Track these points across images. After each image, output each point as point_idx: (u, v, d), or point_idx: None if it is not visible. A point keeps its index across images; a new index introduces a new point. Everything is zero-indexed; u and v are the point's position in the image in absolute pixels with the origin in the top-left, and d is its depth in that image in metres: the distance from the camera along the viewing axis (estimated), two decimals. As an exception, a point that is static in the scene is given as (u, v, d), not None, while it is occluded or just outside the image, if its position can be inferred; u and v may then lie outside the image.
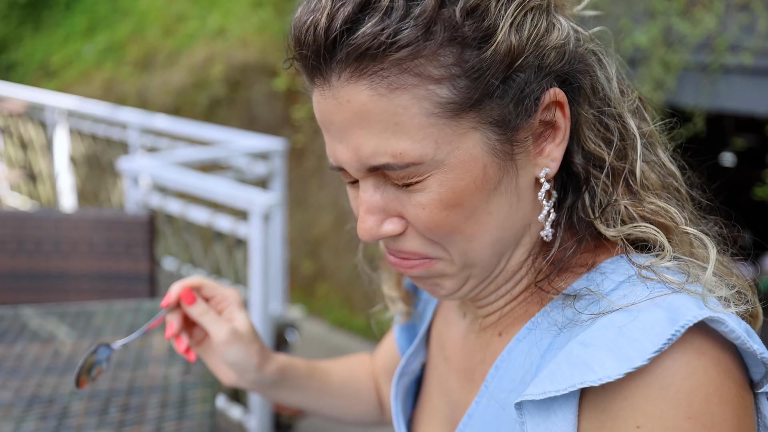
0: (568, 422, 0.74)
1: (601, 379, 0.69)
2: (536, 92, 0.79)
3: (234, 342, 1.15)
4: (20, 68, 10.43)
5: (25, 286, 2.42)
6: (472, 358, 0.98)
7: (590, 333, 0.74)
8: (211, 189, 3.66)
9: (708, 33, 4.21)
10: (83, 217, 2.44)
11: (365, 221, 0.83)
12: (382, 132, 0.76)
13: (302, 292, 7.57)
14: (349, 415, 1.39)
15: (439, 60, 0.74)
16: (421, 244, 0.83)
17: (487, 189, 0.80)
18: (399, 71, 0.74)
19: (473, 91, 0.75)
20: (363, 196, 0.83)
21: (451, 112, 0.76)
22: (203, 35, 8.61)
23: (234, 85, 7.98)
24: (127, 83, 8.81)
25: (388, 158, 0.77)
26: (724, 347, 0.72)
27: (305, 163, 7.64)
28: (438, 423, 1.07)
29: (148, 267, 2.44)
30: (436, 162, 0.77)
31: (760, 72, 4.12)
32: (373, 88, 0.74)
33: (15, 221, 2.42)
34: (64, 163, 6.84)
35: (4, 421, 1.42)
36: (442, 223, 0.80)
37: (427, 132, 0.76)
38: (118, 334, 1.80)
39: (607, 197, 0.85)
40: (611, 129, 0.86)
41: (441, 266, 0.85)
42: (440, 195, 0.78)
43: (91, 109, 6.15)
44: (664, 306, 0.71)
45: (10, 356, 1.68)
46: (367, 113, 0.76)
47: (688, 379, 0.69)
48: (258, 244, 3.55)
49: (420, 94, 0.74)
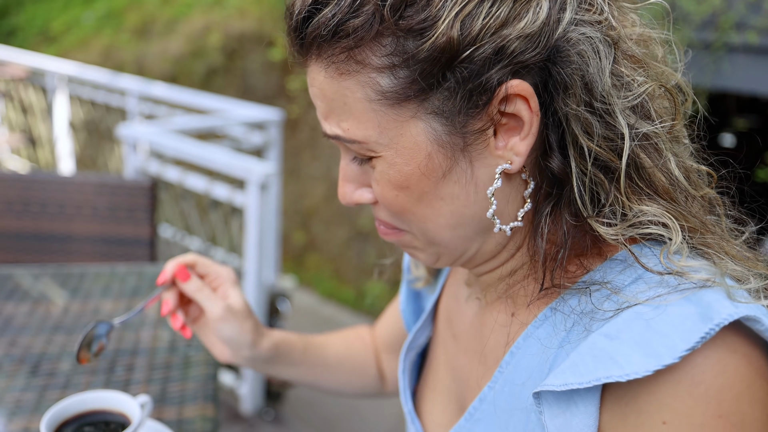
0: (590, 414, 0.72)
1: (628, 375, 0.66)
2: (490, 83, 0.74)
3: (229, 318, 1.16)
4: (20, 33, 10.31)
5: (30, 247, 2.42)
6: (483, 337, 0.96)
7: (615, 325, 0.71)
8: (209, 157, 3.65)
9: (713, 10, 4.13)
10: (87, 182, 2.44)
11: (341, 186, 0.89)
12: (336, 108, 0.81)
13: (293, 263, 7.58)
14: (348, 388, 1.39)
15: (380, 49, 0.74)
16: (389, 215, 0.87)
17: (434, 176, 0.79)
18: (346, 57, 0.76)
19: (413, 82, 0.74)
20: (341, 164, 0.89)
21: (392, 100, 0.76)
22: (201, 4, 8.53)
23: (230, 54, 7.92)
24: (125, 50, 8.73)
25: (339, 131, 0.81)
26: (755, 344, 0.69)
27: (299, 134, 7.61)
28: (443, 397, 1.07)
29: (149, 232, 2.45)
30: (381, 145, 0.79)
31: (765, 51, 4.04)
32: (326, 71, 0.79)
33: (21, 183, 2.42)
34: (64, 128, 6.80)
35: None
36: (393, 202, 0.83)
37: (369, 116, 0.78)
38: (120, 298, 1.81)
39: (604, 196, 0.79)
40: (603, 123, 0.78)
41: (408, 238, 0.89)
42: (389, 176, 0.81)
43: (90, 75, 6.10)
44: (694, 300, 0.69)
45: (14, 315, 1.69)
46: (324, 91, 0.81)
47: (719, 377, 0.66)
48: (254, 214, 3.56)
49: (363, 80, 0.77)
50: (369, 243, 6.72)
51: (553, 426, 0.75)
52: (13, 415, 1.31)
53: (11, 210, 2.40)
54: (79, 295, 1.81)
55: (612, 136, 0.78)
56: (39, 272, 1.93)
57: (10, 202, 2.40)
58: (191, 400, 1.41)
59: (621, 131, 0.77)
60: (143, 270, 1.98)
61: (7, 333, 1.60)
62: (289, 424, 3.79)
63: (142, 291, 1.84)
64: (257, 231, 3.58)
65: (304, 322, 5.82)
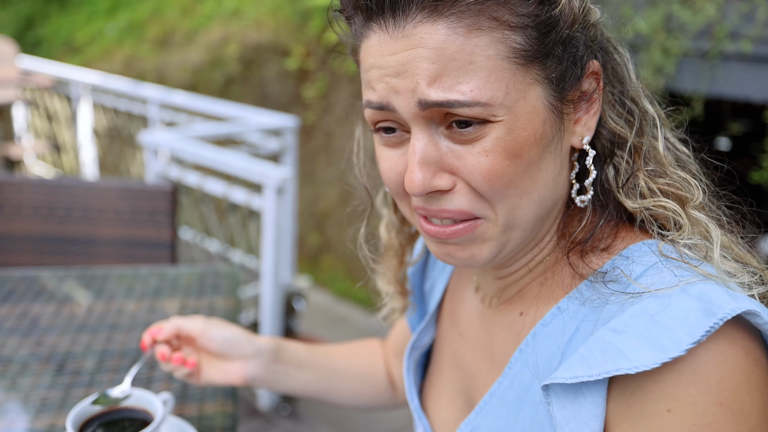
0: (597, 404, 0.73)
1: (636, 367, 0.67)
2: (584, 59, 0.80)
3: (212, 324, 1.20)
4: (46, 44, 10.37)
5: (55, 250, 2.42)
6: (492, 336, 0.97)
7: (622, 320, 0.72)
8: (227, 162, 3.66)
9: (708, 20, 4.16)
10: (110, 186, 2.44)
11: (418, 172, 0.78)
12: (455, 69, 0.74)
13: (308, 264, 7.58)
14: (360, 398, 1.36)
15: (515, 9, 0.74)
16: (469, 201, 0.80)
17: (543, 144, 0.79)
18: (477, 13, 0.73)
19: (541, 45, 0.76)
20: (417, 146, 0.78)
21: (523, 59, 0.75)
22: (219, 16, 8.55)
23: (248, 63, 7.94)
24: (146, 60, 8.76)
25: (457, 95, 0.74)
26: (753, 336, 0.71)
27: (313, 140, 7.62)
28: (450, 394, 1.07)
29: (170, 234, 2.45)
30: (505, 107, 0.75)
31: (758, 59, 4.07)
32: (451, 28, 0.73)
33: (47, 188, 2.42)
34: (87, 135, 6.84)
35: (21, 377, 1.43)
36: (502, 173, 0.77)
37: (500, 75, 0.74)
38: (142, 299, 1.81)
39: (627, 172, 0.84)
40: (630, 109, 0.87)
41: (484, 228, 0.82)
42: (506, 143, 0.76)
43: (113, 84, 6.14)
44: (695, 295, 0.70)
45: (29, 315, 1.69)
46: (442, 50, 0.73)
47: (720, 368, 0.67)
48: (271, 216, 3.56)
49: (497, 37, 0.74)
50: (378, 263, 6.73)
51: (561, 416, 0.76)
52: (40, 413, 1.31)
53: (37, 214, 2.41)
54: (103, 296, 1.81)
55: (634, 120, 0.87)
56: (64, 274, 1.94)
57: (36, 207, 2.41)
58: (211, 397, 1.41)
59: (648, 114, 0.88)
60: (164, 272, 1.98)
61: (34, 333, 1.60)
62: (305, 419, 3.79)
63: (163, 292, 1.84)
64: (274, 233, 3.59)
65: (318, 320, 5.82)
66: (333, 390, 1.32)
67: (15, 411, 1.31)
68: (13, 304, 1.74)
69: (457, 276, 1.12)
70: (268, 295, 3.74)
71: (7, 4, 11.16)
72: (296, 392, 1.29)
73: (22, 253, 2.42)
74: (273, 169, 3.55)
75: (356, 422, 4.12)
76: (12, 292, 1.80)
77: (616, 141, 0.86)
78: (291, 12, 7.78)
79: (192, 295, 1.83)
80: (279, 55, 7.76)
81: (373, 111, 0.82)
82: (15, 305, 1.74)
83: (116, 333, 1.62)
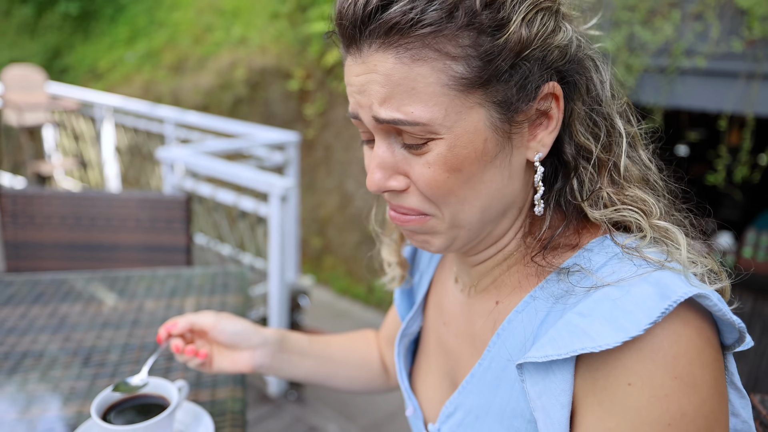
0: (566, 381, 0.73)
1: (600, 346, 0.68)
2: (537, 82, 0.78)
3: (222, 317, 1.19)
4: (72, 71, 10.37)
5: (82, 256, 2.42)
6: (472, 323, 0.97)
7: (587, 305, 0.73)
8: (236, 174, 3.66)
9: (666, 39, 4.19)
10: (130, 198, 2.44)
11: (375, 173, 0.82)
12: (400, 93, 0.75)
13: (312, 264, 7.58)
14: (357, 383, 1.36)
15: (457, 41, 0.74)
16: (419, 201, 0.83)
17: (484, 160, 0.79)
18: (422, 45, 0.74)
19: (484, 72, 0.75)
20: (376, 152, 0.82)
21: (462, 86, 0.75)
22: (228, 43, 8.56)
23: (254, 86, 7.94)
24: (162, 84, 8.76)
25: (400, 115, 0.76)
26: (704, 317, 0.71)
27: (314, 153, 7.62)
28: (436, 376, 1.07)
29: (185, 240, 2.45)
30: (445, 127, 0.76)
31: (711, 74, 4.11)
32: (398, 57, 0.74)
33: (73, 200, 2.42)
34: (110, 152, 6.83)
35: (51, 369, 1.43)
36: (441, 184, 0.79)
37: (438, 100, 0.75)
38: (160, 297, 1.81)
39: (593, 185, 0.84)
40: (599, 125, 0.85)
41: (433, 223, 0.84)
42: (445, 158, 0.78)
43: (133, 106, 6.13)
44: (653, 282, 0.71)
45: (59, 314, 1.69)
46: (389, 77, 0.75)
47: (675, 345, 0.68)
48: (276, 222, 3.56)
49: (437, 66, 0.74)
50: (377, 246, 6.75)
51: (534, 392, 0.77)
52: (68, 401, 1.31)
53: (65, 224, 2.41)
54: (125, 296, 1.81)
55: (603, 135, 0.85)
56: (90, 277, 1.93)
57: (63, 217, 2.41)
58: (223, 384, 1.41)
59: (617, 131, 0.86)
60: (180, 273, 1.98)
61: (63, 330, 1.60)
62: (310, 404, 3.79)
63: (179, 291, 1.84)
64: (279, 237, 3.59)
65: (322, 314, 5.82)
66: (332, 376, 1.32)
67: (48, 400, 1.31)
68: (44, 304, 1.74)
69: (440, 269, 1.13)
70: (275, 293, 3.74)
71: (36, 36, 11.15)
72: (299, 378, 1.29)
73: (51, 259, 2.42)
74: (277, 180, 3.55)
75: (356, 405, 4.12)
76: (43, 294, 1.80)
77: (583, 154, 0.85)
78: (292, 39, 7.79)
79: (205, 294, 1.83)
80: (282, 78, 7.77)
81: (353, 119, 0.85)
82: (45, 305, 1.73)
83: (137, 329, 1.62)
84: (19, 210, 2.39)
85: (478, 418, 0.90)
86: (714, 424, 0.69)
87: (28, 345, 1.52)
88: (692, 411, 0.68)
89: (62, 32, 11.00)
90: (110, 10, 10.72)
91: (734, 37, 3.96)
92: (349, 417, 3.94)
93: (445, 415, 0.97)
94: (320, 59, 7.35)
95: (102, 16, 10.78)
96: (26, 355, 1.48)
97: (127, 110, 6.33)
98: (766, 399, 1.10)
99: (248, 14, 8.72)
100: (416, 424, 1.10)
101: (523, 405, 0.82)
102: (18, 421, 1.23)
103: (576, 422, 0.74)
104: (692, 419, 0.68)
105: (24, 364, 1.44)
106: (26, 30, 11.34)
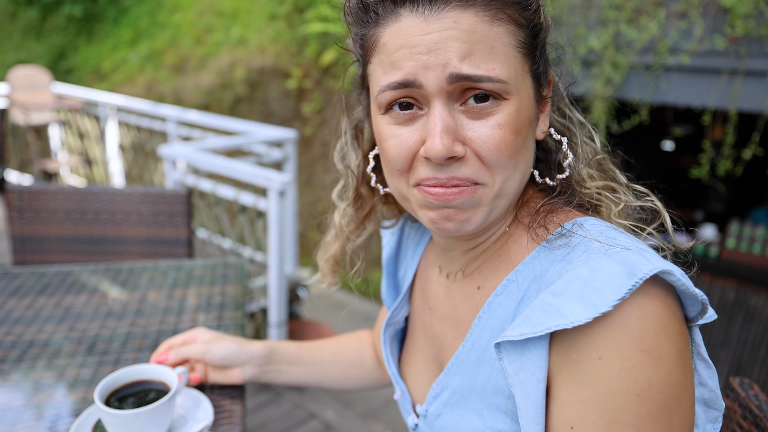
0: (541, 357, 0.75)
1: (573, 322, 0.70)
2: (546, 66, 0.86)
3: (210, 344, 1.25)
4: (77, 72, 10.34)
5: (86, 249, 2.42)
6: (456, 308, 0.99)
7: (559, 285, 0.74)
8: (236, 170, 3.66)
9: (652, 37, 4.19)
10: (133, 193, 2.44)
11: (443, 138, 0.78)
12: (481, 50, 0.76)
13: (310, 258, 7.58)
14: (351, 381, 1.38)
15: (519, 11, 0.79)
16: (474, 169, 0.80)
17: (532, 127, 0.84)
18: (497, 8, 0.77)
19: (534, 43, 0.82)
20: (440, 116, 0.78)
21: (525, 52, 0.80)
22: (227, 44, 8.54)
23: (253, 85, 7.93)
24: (164, 84, 8.74)
25: (483, 71, 0.76)
26: (668, 292, 0.73)
27: (311, 150, 7.61)
28: (423, 360, 1.09)
29: (187, 233, 2.45)
30: (515, 88, 0.79)
31: (696, 70, 4.12)
32: (478, 16, 0.76)
33: (78, 196, 2.42)
34: (114, 150, 6.82)
35: (57, 357, 1.43)
36: (509, 144, 0.79)
37: (511, 61, 0.78)
38: (162, 288, 1.81)
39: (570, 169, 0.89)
40: (564, 114, 0.91)
41: (481, 193, 0.82)
42: (514, 119, 0.79)
43: (136, 105, 6.12)
44: (620, 261, 0.72)
45: (64, 305, 1.69)
46: (472, 33, 0.76)
47: (641, 320, 0.70)
48: (275, 216, 3.56)
49: (510, 29, 0.78)
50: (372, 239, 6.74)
51: (511, 369, 0.78)
52: (73, 387, 1.31)
53: (70, 218, 2.41)
54: (128, 287, 1.81)
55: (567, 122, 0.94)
56: (94, 269, 1.94)
57: (68, 211, 2.41)
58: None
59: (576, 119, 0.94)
60: (181, 265, 1.98)
61: (68, 319, 1.60)
62: (309, 391, 3.79)
63: (180, 282, 1.84)
64: (278, 230, 3.59)
65: (320, 306, 5.83)
66: (324, 378, 1.35)
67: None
68: (50, 295, 1.74)
69: (424, 261, 1.14)
70: (274, 284, 3.74)
71: (42, 38, 11.12)
72: (291, 384, 1.34)
73: (57, 253, 2.42)
74: (276, 175, 3.55)
75: (354, 393, 4.13)
76: (48, 285, 1.80)
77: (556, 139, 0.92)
78: (290, 39, 7.77)
79: (205, 285, 1.83)
80: (280, 77, 7.76)
81: (393, 91, 0.81)
82: (51, 296, 1.74)
83: (139, 318, 1.62)
84: (25, 205, 2.39)
85: (462, 397, 0.92)
86: (680, 393, 0.70)
87: (35, 334, 1.53)
88: (659, 381, 0.69)
89: (67, 34, 10.96)
90: (113, 13, 10.68)
91: (717, 34, 3.96)
92: (347, 404, 3.95)
93: (432, 396, 0.99)
94: (317, 59, 7.34)
95: (105, 19, 10.75)
96: (32, 344, 1.48)
97: (131, 109, 6.32)
98: (745, 382, 1.12)
99: (247, 16, 8.70)
100: (405, 406, 1.12)
101: (502, 382, 0.84)
102: (25, 407, 1.24)
103: (551, 395, 0.76)
104: (659, 389, 0.69)
105: (30, 352, 1.44)
106: (32, 32, 11.31)
